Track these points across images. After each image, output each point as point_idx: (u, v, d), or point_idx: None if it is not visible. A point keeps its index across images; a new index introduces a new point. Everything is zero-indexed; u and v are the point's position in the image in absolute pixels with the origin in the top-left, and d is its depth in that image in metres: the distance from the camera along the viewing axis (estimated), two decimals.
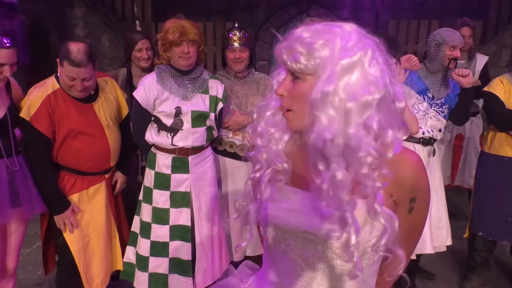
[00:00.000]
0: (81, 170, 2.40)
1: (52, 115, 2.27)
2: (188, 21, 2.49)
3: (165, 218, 2.59)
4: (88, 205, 2.44)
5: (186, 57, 2.49)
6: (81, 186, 2.41)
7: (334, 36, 0.92)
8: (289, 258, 1.05)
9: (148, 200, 2.63)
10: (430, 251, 2.86)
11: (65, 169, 2.39)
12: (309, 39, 0.93)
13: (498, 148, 2.92)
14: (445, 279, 3.32)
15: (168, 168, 2.58)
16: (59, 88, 2.32)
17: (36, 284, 3.19)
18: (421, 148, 2.89)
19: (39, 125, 2.24)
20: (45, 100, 2.26)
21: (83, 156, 2.37)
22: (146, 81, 2.56)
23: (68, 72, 2.23)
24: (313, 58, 0.92)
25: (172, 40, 2.45)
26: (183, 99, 2.53)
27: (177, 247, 2.60)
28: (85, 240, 2.44)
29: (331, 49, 0.91)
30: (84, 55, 2.22)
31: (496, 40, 5.68)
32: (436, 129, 2.90)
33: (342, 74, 0.90)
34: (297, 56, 0.93)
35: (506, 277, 3.36)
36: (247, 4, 6.82)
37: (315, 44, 0.92)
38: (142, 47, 3.13)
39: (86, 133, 2.37)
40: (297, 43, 0.94)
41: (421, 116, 2.86)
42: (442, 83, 2.88)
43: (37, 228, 3.99)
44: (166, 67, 2.56)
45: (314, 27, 0.96)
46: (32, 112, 2.24)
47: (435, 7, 6.41)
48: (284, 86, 0.98)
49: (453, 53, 2.79)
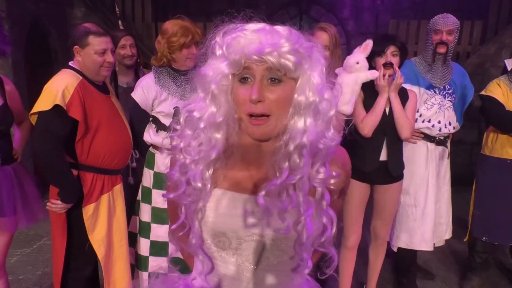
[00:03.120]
0: (108, 168, 2.31)
1: (84, 104, 2.16)
2: (190, 22, 2.49)
3: (164, 218, 2.60)
4: (112, 207, 2.37)
5: (192, 59, 2.48)
6: (107, 186, 2.34)
7: (311, 45, 0.95)
8: (234, 262, 1.03)
9: (147, 200, 2.63)
10: (430, 248, 2.88)
11: (92, 170, 2.28)
12: (295, 41, 0.91)
13: (500, 151, 2.89)
14: (445, 279, 3.32)
15: (167, 168, 2.57)
16: (82, 79, 2.22)
17: (36, 284, 3.18)
18: (434, 148, 2.87)
19: (74, 112, 2.12)
20: (77, 88, 2.15)
21: (114, 149, 2.28)
22: (144, 82, 2.57)
23: (98, 45, 2.18)
24: (302, 61, 0.93)
25: (184, 43, 2.43)
26: (182, 99, 2.53)
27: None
28: (109, 244, 2.36)
29: (312, 56, 0.95)
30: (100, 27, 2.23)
31: (496, 40, 5.68)
32: (453, 121, 2.88)
33: (320, 79, 0.94)
34: (288, 56, 0.90)
35: (506, 277, 3.36)
36: (247, 4, 6.81)
37: (302, 48, 0.92)
38: (125, 43, 3.02)
39: (114, 124, 2.31)
40: (286, 42, 0.90)
41: (436, 110, 2.82)
42: (442, 70, 2.85)
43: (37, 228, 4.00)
44: (163, 68, 2.56)
45: (283, 28, 0.95)
46: (67, 100, 2.10)
47: (435, 7, 6.40)
48: (259, 91, 0.91)
49: (439, 37, 2.76)
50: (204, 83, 0.97)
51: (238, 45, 0.91)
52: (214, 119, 0.95)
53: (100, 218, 2.31)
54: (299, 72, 0.93)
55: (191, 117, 0.99)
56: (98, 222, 2.31)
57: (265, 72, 0.91)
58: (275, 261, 1.02)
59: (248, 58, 0.90)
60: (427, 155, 2.86)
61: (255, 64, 0.91)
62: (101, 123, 2.23)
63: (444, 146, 2.92)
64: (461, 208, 3.33)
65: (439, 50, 2.78)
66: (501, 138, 2.88)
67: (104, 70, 2.25)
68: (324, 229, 1.00)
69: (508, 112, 2.79)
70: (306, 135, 0.92)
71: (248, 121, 0.94)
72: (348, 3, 6.94)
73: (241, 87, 0.94)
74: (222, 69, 0.94)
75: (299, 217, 0.96)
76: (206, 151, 0.97)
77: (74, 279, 2.38)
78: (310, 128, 0.93)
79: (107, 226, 2.33)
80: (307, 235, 0.97)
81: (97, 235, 2.29)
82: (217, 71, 0.95)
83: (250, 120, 0.93)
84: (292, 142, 0.93)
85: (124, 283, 2.42)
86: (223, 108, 0.95)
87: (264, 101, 0.92)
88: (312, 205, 0.97)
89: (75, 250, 2.33)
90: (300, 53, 0.91)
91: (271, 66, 0.90)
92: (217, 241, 1.03)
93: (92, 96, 2.23)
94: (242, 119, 0.95)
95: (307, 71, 0.93)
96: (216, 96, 0.95)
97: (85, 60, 2.21)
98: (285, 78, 0.92)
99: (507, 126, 2.83)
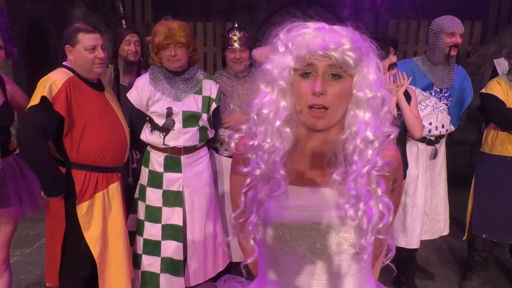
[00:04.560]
0: (101, 165, 2.32)
1: (70, 99, 2.19)
2: (177, 23, 2.48)
3: (157, 217, 2.61)
4: (107, 205, 2.38)
5: (174, 60, 2.49)
6: (101, 184, 2.35)
7: (368, 44, 1.01)
8: (296, 254, 1.06)
9: (142, 198, 2.66)
10: (417, 246, 2.95)
11: (84, 168, 2.30)
12: (355, 40, 0.97)
13: (500, 148, 2.90)
14: (445, 279, 3.32)
15: (161, 166, 2.60)
16: (73, 75, 2.26)
17: (36, 284, 3.18)
18: (424, 147, 2.88)
19: (59, 106, 2.16)
20: (65, 83, 2.18)
21: (105, 146, 2.30)
22: (139, 82, 2.60)
23: (88, 42, 2.22)
24: (362, 59, 0.98)
25: (159, 43, 2.46)
26: (175, 100, 2.55)
27: (169, 247, 2.62)
28: (104, 243, 2.37)
29: (369, 54, 1.00)
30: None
31: (496, 40, 5.68)
32: (446, 124, 2.88)
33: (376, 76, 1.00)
34: (350, 53, 0.95)
35: (506, 277, 3.36)
36: (247, 4, 6.82)
37: (362, 46, 0.98)
38: (130, 39, 3.03)
39: (106, 120, 2.32)
40: (347, 40, 0.96)
41: (429, 111, 2.83)
42: (445, 73, 2.85)
43: (37, 228, 4.00)
44: (159, 68, 2.58)
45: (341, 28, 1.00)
46: (53, 93, 2.15)
47: (435, 7, 6.41)
48: (322, 84, 0.96)
49: (453, 40, 2.76)
50: (270, 79, 1.01)
51: (303, 41, 0.96)
52: (285, 112, 1.01)
53: (95, 216, 2.33)
54: (357, 69, 0.99)
55: (261, 114, 1.02)
56: (93, 220, 2.32)
57: (327, 68, 0.97)
58: (335, 250, 1.05)
59: (312, 54, 0.95)
60: (417, 155, 2.91)
61: (319, 60, 0.96)
62: (90, 119, 2.25)
63: (434, 146, 2.94)
64: (461, 208, 3.33)
65: (453, 52, 2.78)
66: (501, 136, 2.89)
67: (96, 67, 2.28)
68: (382, 216, 1.04)
69: (509, 110, 2.79)
70: (369, 129, 0.99)
71: (308, 112, 0.99)
72: (348, 3, 6.94)
73: (303, 81, 0.99)
74: (286, 63, 0.98)
75: (360, 204, 1.00)
76: (279, 145, 1.02)
77: (70, 279, 2.39)
78: (370, 122, 0.99)
79: (102, 224, 2.34)
80: (367, 221, 1.01)
81: (92, 233, 2.31)
82: (282, 67, 0.99)
83: (310, 112, 0.99)
84: (358, 135, 0.99)
85: (121, 282, 2.42)
86: (289, 101, 1.01)
87: (326, 95, 0.97)
88: (371, 192, 1.02)
89: (71, 249, 2.34)
90: (360, 51, 0.97)
91: (334, 62, 0.95)
92: (278, 233, 1.07)
93: (83, 92, 2.26)
94: (302, 111, 1.00)
95: (364, 68, 0.99)
96: (284, 91, 1.00)
97: (77, 58, 2.25)
98: (345, 74, 0.98)
99: (507, 123, 2.84)
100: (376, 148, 1.00)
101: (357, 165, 0.99)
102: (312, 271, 1.07)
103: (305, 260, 1.07)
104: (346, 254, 1.06)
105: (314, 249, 1.05)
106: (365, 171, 0.99)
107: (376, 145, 1.00)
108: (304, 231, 1.05)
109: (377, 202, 1.04)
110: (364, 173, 1.00)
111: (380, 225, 1.04)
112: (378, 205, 1.04)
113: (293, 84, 1.00)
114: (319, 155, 1.05)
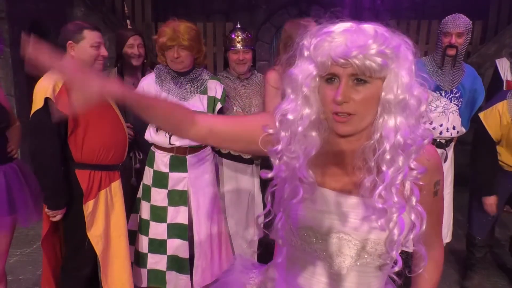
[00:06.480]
0: (104, 164, 2.33)
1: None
2: (184, 25, 2.47)
3: (162, 216, 2.61)
4: (110, 203, 2.39)
5: (177, 62, 2.50)
6: (105, 182, 2.36)
7: (399, 43, 0.94)
8: (317, 256, 1.05)
9: (146, 198, 2.65)
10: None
11: (89, 167, 2.30)
12: (381, 42, 0.91)
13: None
14: (445, 278, 3.32)
15: (166, 166, 2.59)
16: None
17: (36, 284, 3.18)
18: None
19: (62, 105, 2.14)
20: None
21: (107, 143, 2.30)
22: (145, 81, 2.60)
23: (93, 38, 2.24)
24: (389, 62, 0.92)
25: (163, 44, 2.46)
26: (181, 100, 2.55)
27: (175, 245, 2.62)
28: (107, 240, 2.37)
29: (399, 54, 0.94)
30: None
31: (496, 40, 5.68)
32: (458, 125, 2.85)
33: (408, 76, 0.94)
34: (375, 58, 0.90)
35: (506, 277, 3.36)
36: (247, 4, 6.81)
37: (388, 48, 0.92)
38: (133, 43, 2.98)
39: (106, 118, 2.32)
40: (373, 43, 0.90)
41: (440, 112, 2.80)
42: (451, 74, 2.82)
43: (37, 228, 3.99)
44: (165, 67, 2.58)
45: (369, 27, 0.95)
46: (56, 93, 2.15)
47: (435, 7, 6.40)
48: (344, 93, 0.92)
49: (448, 40, 2.74)
50: (295, 85, 1.00)
51: (324, 48, 0.93)
52: (309, 119, 0.99)
53: (98, 214, 2.33)
54: (385, 72, 0.93)
55: (286, 119, 1.01)
56: (96, 218, 2.32)
57: (350, 75, 0.93)
58: (358, 261, 1.02)
59: (334, 60, 0.92)
60: None
61: (340, 67, 0.92)
62: (91, 117, 2.25)
63: (443, 149, 2.90)
64: (461, 208, 3.33)
65: (448, 52, 2.77)
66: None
67: (98, 64, 2.29)
68: (413, 226, 1.00)
69: (487, 149, 2.80)
70: (399, 134, 0.93)
71: (333, 118, 0.96)
72: (348, 3, 6.93)
73: (327, 87, 0.96)
74: (310, 70, 0.97)
75: (391, 215, 0.96)
76: (303, 151, 0.99)
77: (71, 279, 2.38)
78: (401, 126, 0.94)
79: (104, 222, 2.34)
80: (399, 233, 0.97)
81: (95, 231, 2.31)
82: (305, 73, 0.98)
83: (335, 117, 0.96)
84: (387, 141, 0.94)
85: (124, 279, 2.43)
86: (315, 107, 0.99)
87: (349, 102, 0.93)
88: (404, 202, 0.97)
89: (73, 249, 2.34)
90: (386, 54, 0.92)
91: (356, 70, 0.91)
92: (302, 234, 1.05)
93: None
94: (328, 116, 0.98)
95: (394, 69, 0.94)
96: (307, 97, 0.99)
97: (80, 54, 2.25)
98: (371, 79, 0.93)
99: (476, 151, 2.87)
100: (409, 155, 0.95)
101: (386, 175, 0.94)
102: (329, 279, 1.05)
103: (325, 266, 1.05)
104: (371, 265, 1.04)
105: (336, 257, 1.03)
106: (394, 181, 0.95)
107: (409, 152, 0.95)
108: (329, 238, 1.03)
109: (410, 212, 0.99)
110: (393, 184, 0.95)
111: (411, 236, 1.00)
112: (411, 215, 0.99)
113: (319, 89, 0.98)
114: (349, 161, 1.02)
